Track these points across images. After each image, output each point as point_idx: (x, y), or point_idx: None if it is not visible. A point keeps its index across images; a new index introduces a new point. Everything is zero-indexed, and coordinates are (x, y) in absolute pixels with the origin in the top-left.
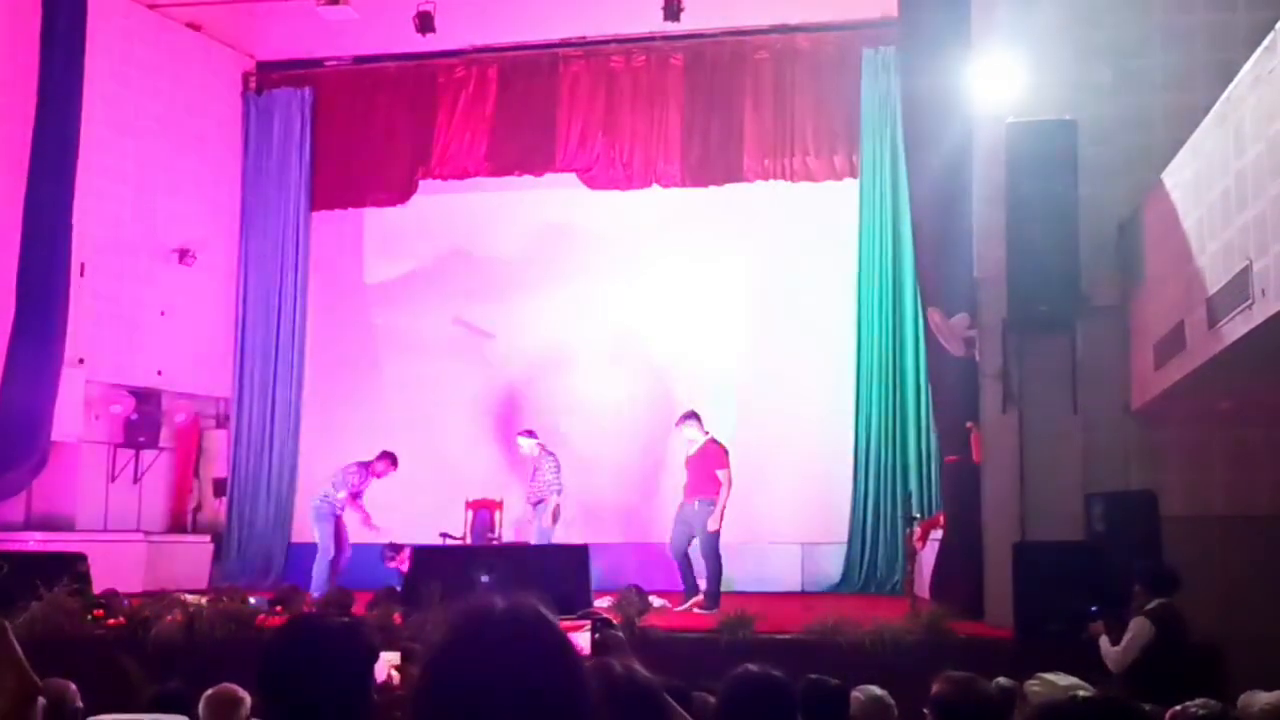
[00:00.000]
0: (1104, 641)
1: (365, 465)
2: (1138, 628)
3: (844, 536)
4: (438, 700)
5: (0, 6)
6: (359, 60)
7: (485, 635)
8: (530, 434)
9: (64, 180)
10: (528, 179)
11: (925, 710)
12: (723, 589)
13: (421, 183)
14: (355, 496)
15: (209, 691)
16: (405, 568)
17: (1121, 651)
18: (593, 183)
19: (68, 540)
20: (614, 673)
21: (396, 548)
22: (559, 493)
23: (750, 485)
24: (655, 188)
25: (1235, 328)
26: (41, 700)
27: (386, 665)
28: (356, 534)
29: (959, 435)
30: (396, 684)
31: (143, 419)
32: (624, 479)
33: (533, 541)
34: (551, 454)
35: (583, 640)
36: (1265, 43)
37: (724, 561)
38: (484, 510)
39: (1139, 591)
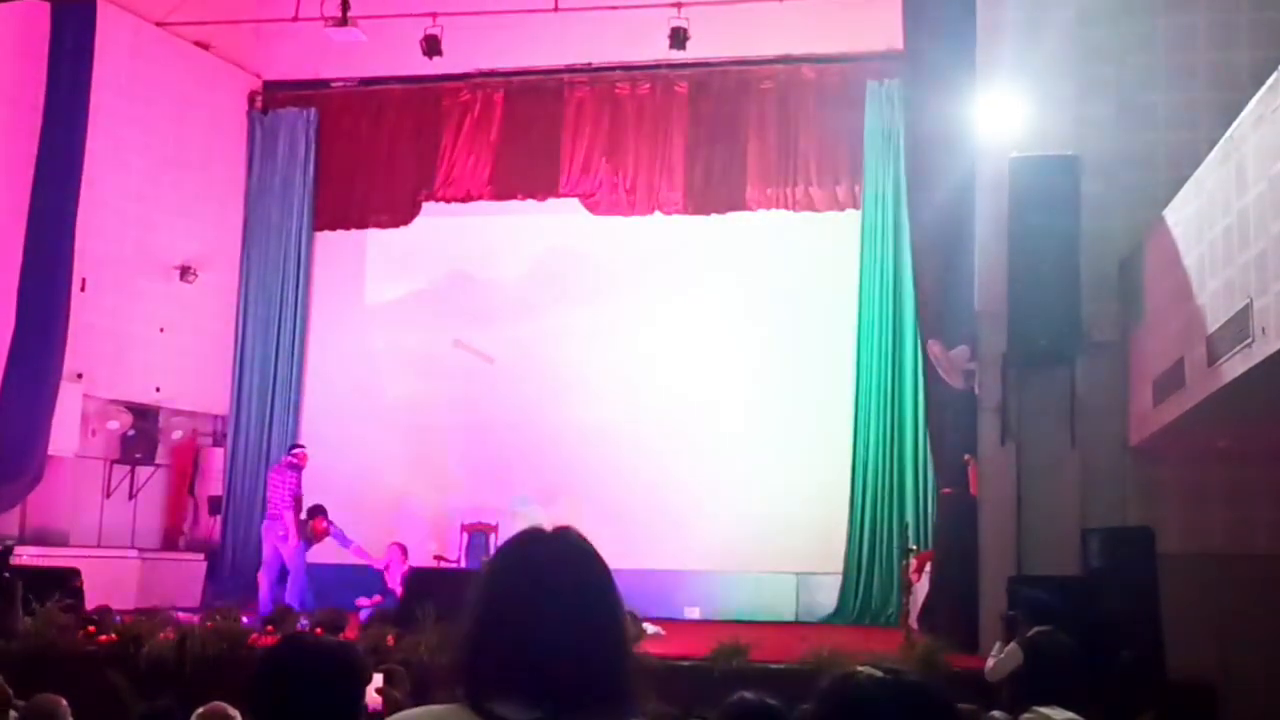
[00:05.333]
0: (994, 649)
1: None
2: (1009, 652)
3: (840, 567)
4: (497, 604)
5: (9, 21)
6: (365, 82)
7: (536, 547)
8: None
9: (67, 195)
10: (530, 203)
11: None
12: (719, 618)
13: (425, 205)
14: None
15: (200, 710)
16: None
17: (993, 666)
18: (595, 208)
19: (62, 555)
20: None
21: (405, 553)
22: None
23: (747, 514)
24: (658, 214)
25: (1235, 366)
26: (14, 714)
27: (370, 688)
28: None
29: (956, 467)
30: (380, 707)
31: (140, 435)
32: (622, 504)
33: None
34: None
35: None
36: (1269, 82)
37: (719, 589)
38: (479, 533)
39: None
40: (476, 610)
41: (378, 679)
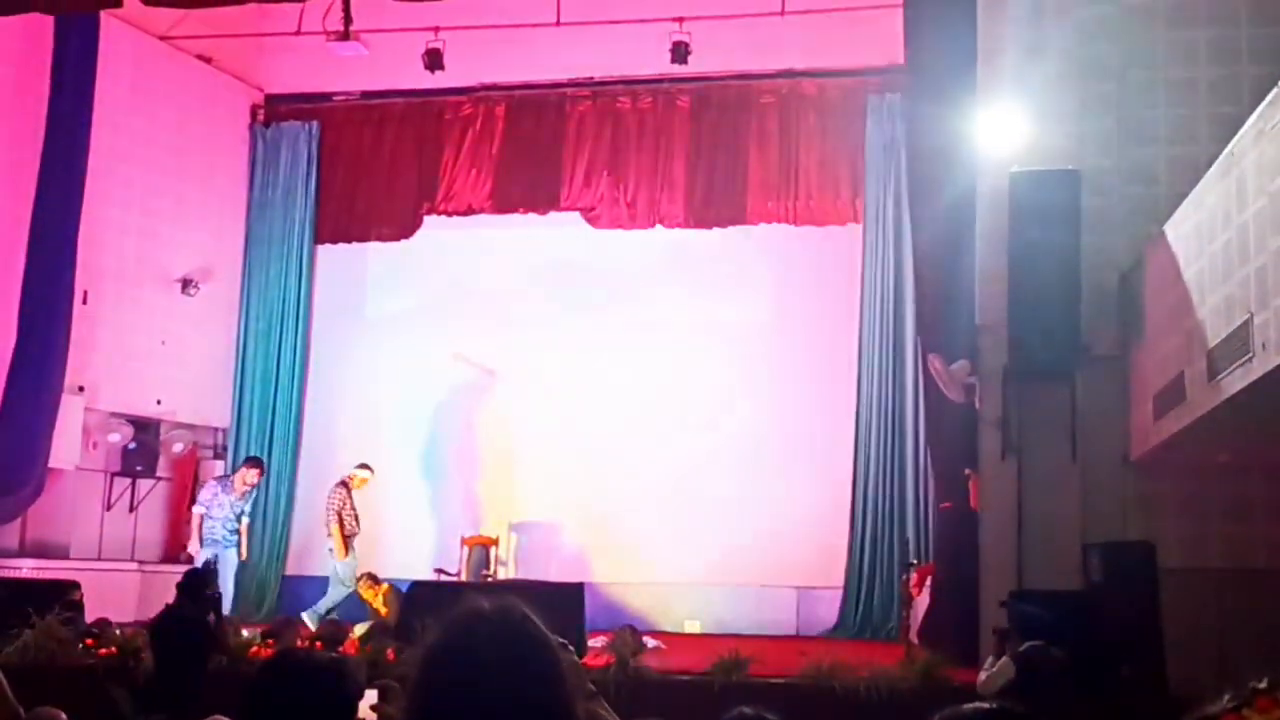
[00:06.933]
0: (986, 663)
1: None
2: (1001, 666)
3: (840, 581)
4: (435, 690)
5: (12, 33)
6: (367, 95)
7: (476, 631)
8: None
9: (69, 207)
10: (532, 217)
11: None
12: (720, 631)
13: (426, 218)
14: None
15: None
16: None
17: (986, 680)
18: (597, 222)
19: (61, 568)
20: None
21: (375, 580)
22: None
23: (747, 527)
24: (659, 228)
25: (1235, 381)
26: None
27: (364, 703)
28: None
29: (956, 482)
30: None
31: (140, 448)
32: (623, 517)
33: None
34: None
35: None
36: (1269, 98)
37: (719, 602)
38: (481, 547)
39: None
40: (413, 706)
41: (372, 695)
